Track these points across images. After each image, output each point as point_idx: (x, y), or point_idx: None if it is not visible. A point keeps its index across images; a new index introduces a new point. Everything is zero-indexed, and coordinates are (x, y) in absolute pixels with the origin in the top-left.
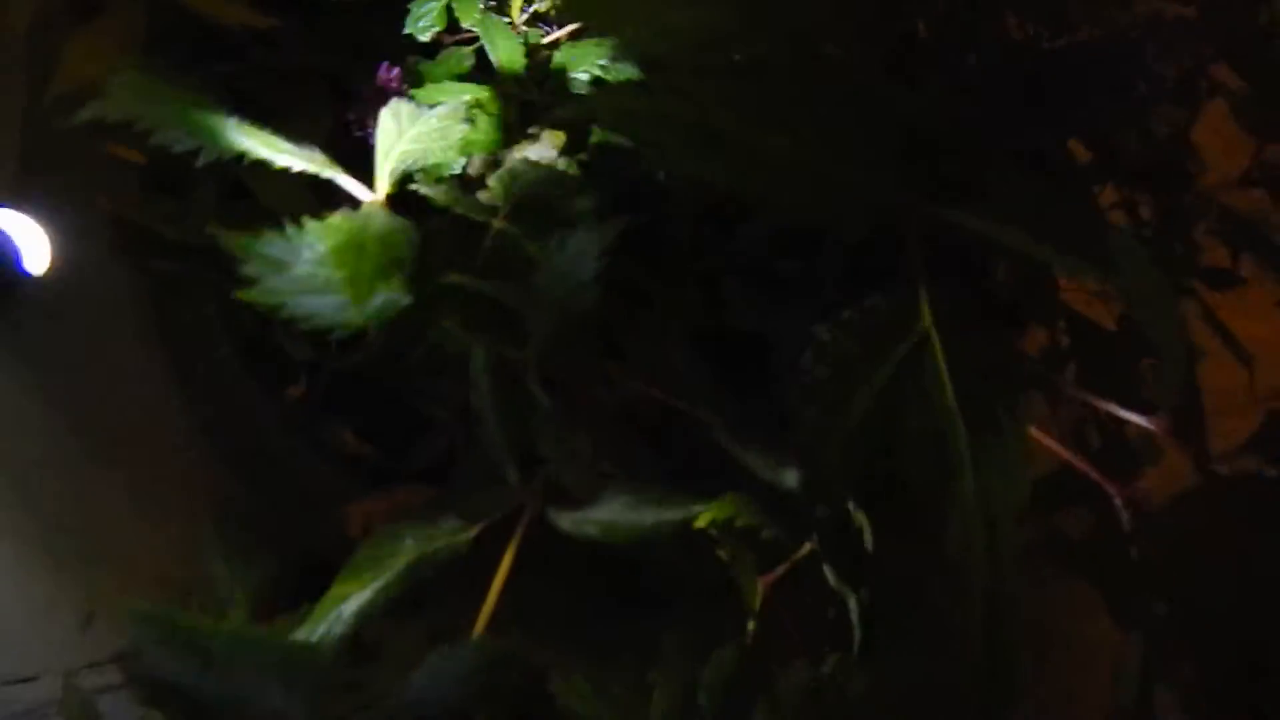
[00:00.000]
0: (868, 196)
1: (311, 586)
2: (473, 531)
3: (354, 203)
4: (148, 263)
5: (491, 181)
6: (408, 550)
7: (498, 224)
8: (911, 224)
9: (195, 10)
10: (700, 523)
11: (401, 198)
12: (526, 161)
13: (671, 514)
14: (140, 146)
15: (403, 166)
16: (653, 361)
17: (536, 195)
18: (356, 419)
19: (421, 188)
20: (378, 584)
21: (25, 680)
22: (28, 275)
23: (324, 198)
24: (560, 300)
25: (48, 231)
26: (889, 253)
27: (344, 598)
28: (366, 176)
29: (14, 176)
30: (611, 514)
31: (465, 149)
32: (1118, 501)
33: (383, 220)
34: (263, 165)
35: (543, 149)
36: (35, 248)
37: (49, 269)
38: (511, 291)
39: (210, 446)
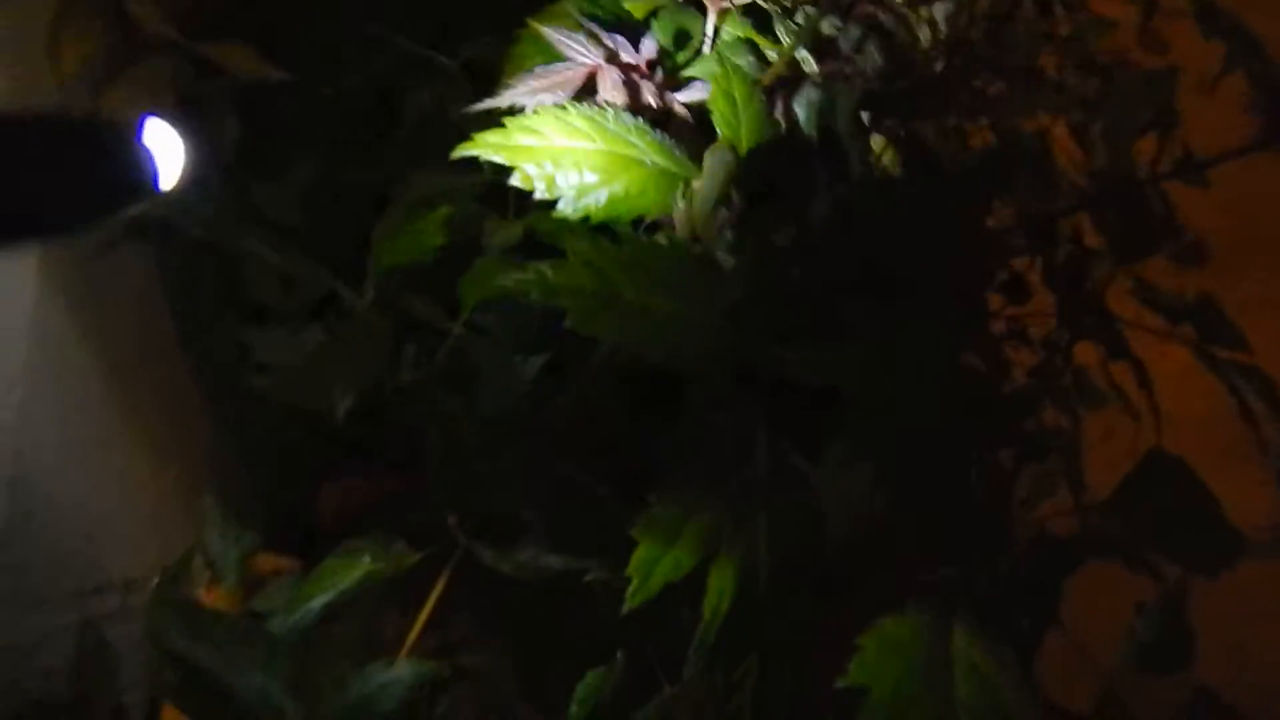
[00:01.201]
0: (722, 342)
1: (291, 546)
2: (416, 557)
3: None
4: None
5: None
6: (365, 564)
7: (456, 330)
8: (759, 364)
9: (219, 63)
10: (590, 578)
11: (386, 299)
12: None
13: (569, 564)
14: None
15: (388, 273)
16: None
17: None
18: None
19: (401, 299)
20: (340, 587)
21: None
22: (158, 191)
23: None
24: (491, 410)
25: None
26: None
27: (312, 596)
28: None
29: None
30: (525, 557)
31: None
32: None
33: (366, 326)
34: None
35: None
36: (171, 160)
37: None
38: (449, 398)
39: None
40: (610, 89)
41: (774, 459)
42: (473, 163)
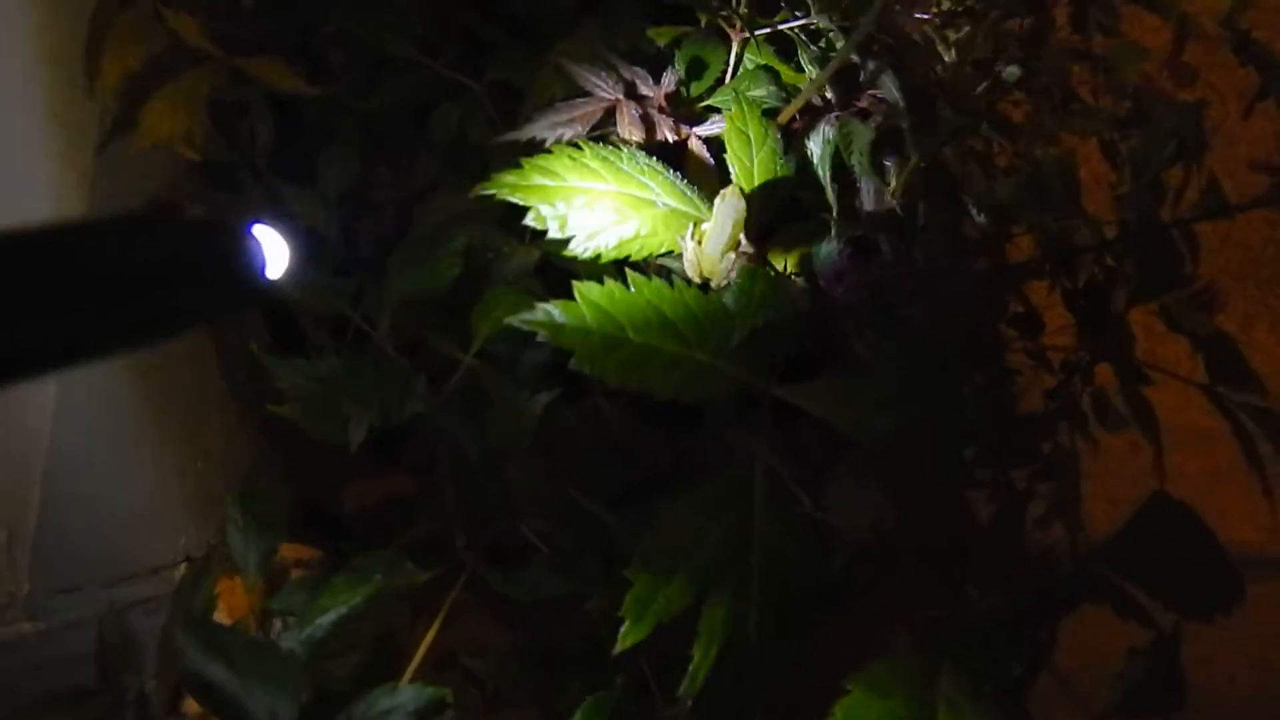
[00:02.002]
0: (728, 383)
1: (314, 537)
2: (425, 576)
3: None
4: None
5: (473, 316)
6: (376, 582)
7: (467, 360)
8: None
9: (255, 77)
10: (590, 606)
11: (400, 328)
12: (500, 292)
13: (572, 588)
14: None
15: (403, 302)
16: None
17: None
18: None
19: (415, 329)
20: (352, 603)
21: (69, 591)
22: (269, 283)
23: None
24: (500, 439)
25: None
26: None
27: (325, 610)
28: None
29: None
30: (531, 580)
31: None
32: None
33: (377, 358)
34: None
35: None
36: (278, 257)
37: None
38: (461, 428)
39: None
40: (628, 125)
41: (772, 492)
42: None
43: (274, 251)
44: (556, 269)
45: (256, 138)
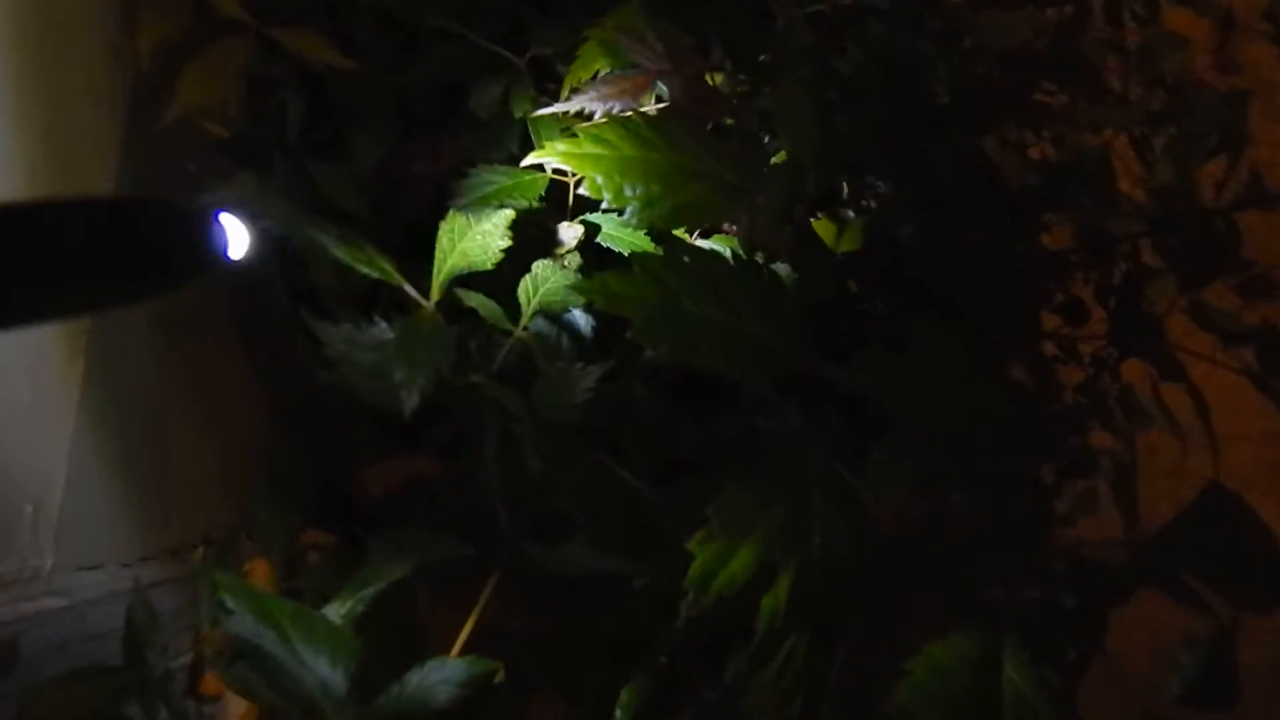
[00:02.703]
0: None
1: (331, 522)
2: (466, 550)
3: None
4: None
5: (521, 288)
6: (419, 556)
7: (517, 333)
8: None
9: (290, 49)
10: (637, 584)
11: (450, 299)
12: (549, 266)
13: (615, 566)
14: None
15: (452, 275)
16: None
17: (552, 306)
18: None
19: (465, 298)
20: (391, 578)
21: (92, 568)
22: (231, 262)
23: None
24: (550, 414)
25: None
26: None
27: (366, 583)
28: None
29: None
30: (572, 555)
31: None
32: None
33: (431, 326)
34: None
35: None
36: (238, 239)
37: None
38: (514, 400)
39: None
40: (679, 96)
41: (824, 470)
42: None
43: (236, 236)
44: (598, 248)
45: (287, 113)
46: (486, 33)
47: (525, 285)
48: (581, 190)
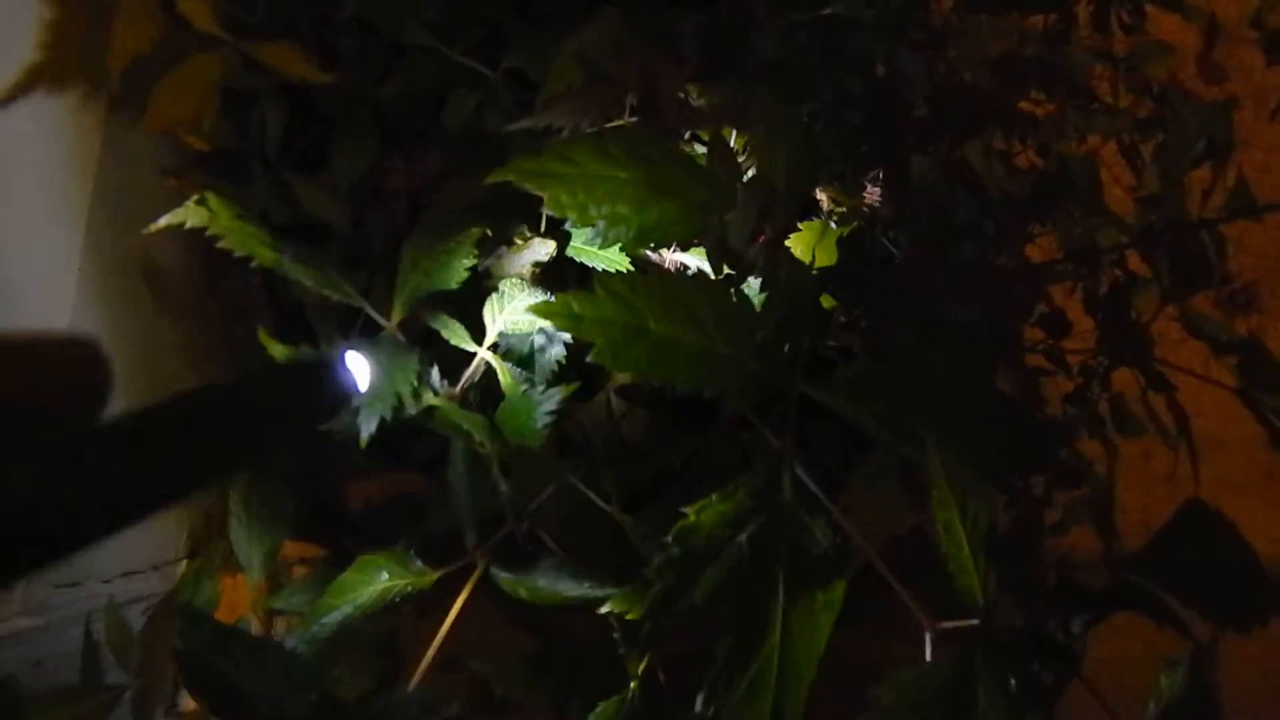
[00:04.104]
0: (751, 377)
1: (317, 534)
2: (434, 576)
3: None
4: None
5: (486, 308)
6: (383, 581)
7: (481, 354)
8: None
9: (265, 63)
10: (605, 609)
11: (413, 320)
12: (516, 284)
13: (583, 592)
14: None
15: (417, 295)
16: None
17: (519, 326)
18: None
19: (427, 320)
20: (357, 602)
21: (69, 585)
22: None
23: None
24: (513, 437)
25: None
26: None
27: (330, 609)
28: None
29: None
30: (540, 581)
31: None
32: None
33: (391, 350)
34: (305, 287)
35: (535, 252)
36: (362, 373)
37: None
38: (476, 424)
39: None
40: (651, 110)
41: (798, 495)
42: None
43: (360, 371)
44: (570, 262)
45: (267, 126)
46: (466, 44)
47: (490, 304)
48: (547, 210)
